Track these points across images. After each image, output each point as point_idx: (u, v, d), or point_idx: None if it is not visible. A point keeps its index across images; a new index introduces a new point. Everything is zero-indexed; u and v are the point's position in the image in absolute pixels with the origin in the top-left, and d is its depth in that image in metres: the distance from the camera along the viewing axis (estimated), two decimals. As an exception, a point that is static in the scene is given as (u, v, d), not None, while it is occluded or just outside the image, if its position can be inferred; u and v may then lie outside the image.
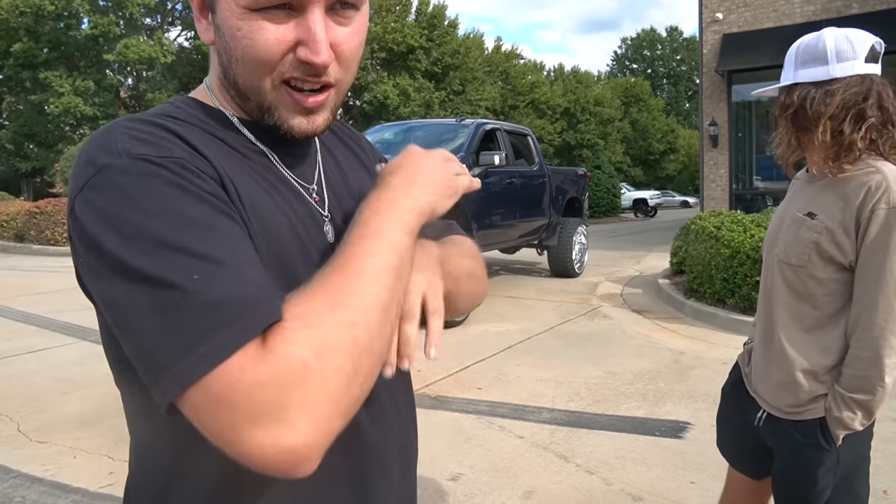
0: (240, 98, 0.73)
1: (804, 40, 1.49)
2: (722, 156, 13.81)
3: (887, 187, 1.37)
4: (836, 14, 12.42)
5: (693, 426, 3.79)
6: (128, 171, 0.59)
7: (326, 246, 0.77)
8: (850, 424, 1.42)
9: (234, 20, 0.67)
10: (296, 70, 0.68)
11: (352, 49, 0.72)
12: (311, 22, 0.66)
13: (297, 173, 0.78)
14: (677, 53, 63.73)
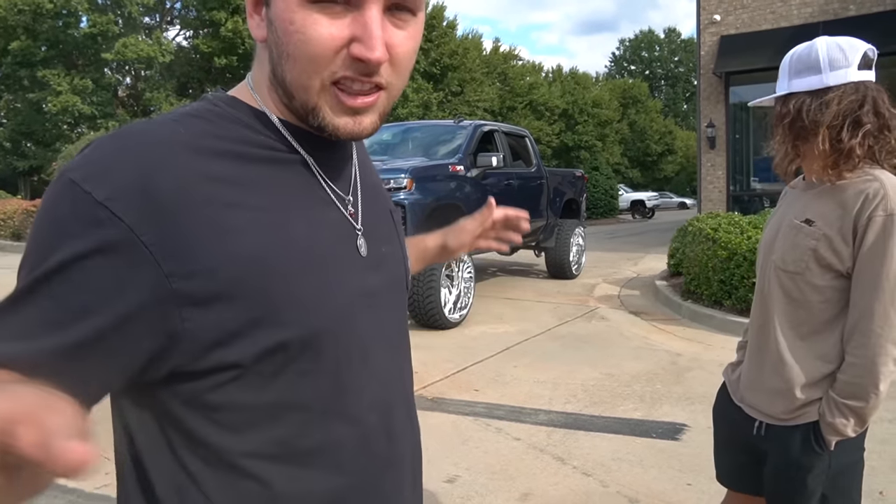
0: (286, 97, 0.71)
1: (797, 50, 1.50)
2: (719, 157, 13.83)
3: (885, 195, 1.38)
4: (833, 16, 12.45)
5: (690, 428, 3.80)
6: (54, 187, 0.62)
7: (358, 259, 0.76)
8: (843, 431, 1.42)
9: (289, 13, 0.65)
10: (348, 69, 0.66)
11: (406, 53, 0.70)
12: (368, 18, 0.65)
13: (335, 182, 0.77)
14: (675, 55, 63.83)
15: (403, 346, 0.87)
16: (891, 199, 1.37)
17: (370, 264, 0.78)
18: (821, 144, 1.43)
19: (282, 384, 0.68)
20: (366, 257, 0.77)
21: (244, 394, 0.66)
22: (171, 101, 25.76)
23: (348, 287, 0.74)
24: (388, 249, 0.83)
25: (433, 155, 7.83)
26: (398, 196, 6.47)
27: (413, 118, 27.59)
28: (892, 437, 3.55)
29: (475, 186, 7.54)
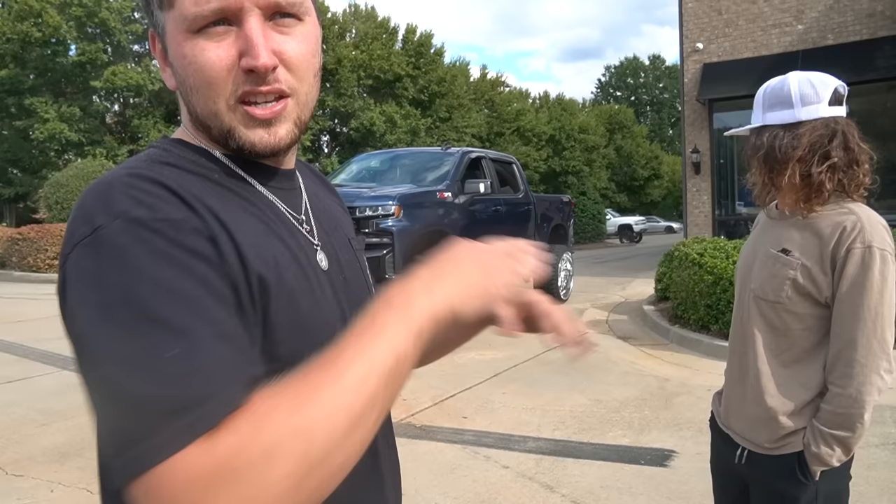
0: (206, 130, 0.73)
1: (770, 84, 1.54)
2: (704, 182, 13.99)
3: (862, 228, 1.41)
4: (812, 45, 12.73)
5: (678, 454, 3.79)
6: (120, 235, 0.59)
7: (321, 273, 0.78)
8: (828, 461, 1.43)
9: (180, 49, 0.68)
10: (244, 84, 0.68)
11: (299, 56, 0.71)
12: (247, 31, 0.67)
13: (288, 205, 0.79)
14: (660, 81, 64.77)
15: None
16: (867, 232, 1.41)
17: (332, 281, 0.80)
18: (791, 178, 1.47)
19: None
20: (327, 272, 0.79)
21: None
22: (160, 128, 25.75)
23: (329, 310, 0.76)
24: (349, 275, 0.85)
25: (421, 182, 7.88)
26: (386, 223, 6.49)
27: (401, 144, 27.75)
28: (879, 462, 3.56)
29: (463, 213, 7.58)
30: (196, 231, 0.62)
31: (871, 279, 1.39)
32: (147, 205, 0.61)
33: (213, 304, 0.59)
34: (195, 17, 0.67)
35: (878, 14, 12.23)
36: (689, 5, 13.98)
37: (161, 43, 0.73)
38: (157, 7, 0.70)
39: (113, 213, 0.60)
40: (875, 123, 13.30)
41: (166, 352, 0.54)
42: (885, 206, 12.60)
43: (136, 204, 0.61)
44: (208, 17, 0.67)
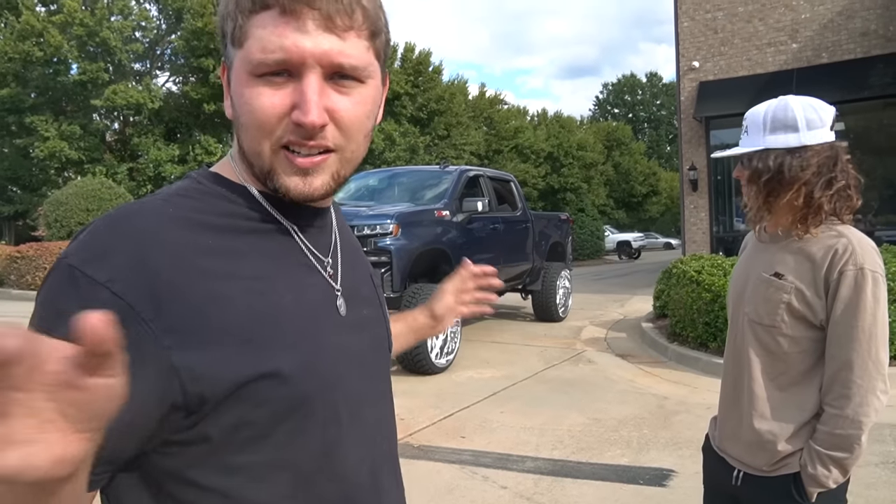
0: (249, 165, 0.76)
1: (772, 108, 1.54)
2: (702, 199, 14.05)
3: (853, 250, 1.43)
4: (807, 63, 12.84)
5: (677, 474, 3.78)
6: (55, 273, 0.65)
7: (338, 319, 0.79)
8: (825, 482, 1.43)
9: (240, 87, 0.71)
10: (292, 134, 0.71)
11: (352, 117, 0.73)
12: (305, 86, 0.69)
13: (314, 245, 0.81)
14: (657, 98, 65.16)
15: (388, 404, 0.90)
16: (858, 255, 1.43)
17: (351, 325, 0.81)
18: (794, 199, 1.49)
19: (271, 445, 0.69)
20: (345, 317, 0.80)
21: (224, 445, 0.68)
22: (160, 147, 25.84)
23: (334, 350, 0.77)
24: (369, 312, 0.87)
25: (419, 200, 7.91)
26: (384, 242, 6.50)
27: (400, 162, 27.86)
28: (878, 482, 3.55)
29: (461, 231, 7.60)
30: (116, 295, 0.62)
31: (863, 301, 1.40)
32: (89, 253, 0.65)
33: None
34: (259, 63, 0.69)
35: (872, 33, 12.36)
36: (686, 24, 14.12)
37: (228, 75, 0.76)
38: (230, 43, 0.73)
39: (66, 251, 0.66)
40: (871, 141, 13.39)
41: None
42: (883, 221, 12.65)
43: (82, 250, 0.66)
44: (271, 67, 0.69)
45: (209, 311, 0.66)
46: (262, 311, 0.70)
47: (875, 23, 12.34)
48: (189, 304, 0.65)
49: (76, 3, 23.81)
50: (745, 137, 1.58)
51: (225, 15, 0.73)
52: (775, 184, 1.51)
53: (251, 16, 0.70)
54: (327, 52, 0.69)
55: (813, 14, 12.86)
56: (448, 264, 7.33)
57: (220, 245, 0.71)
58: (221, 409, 0.67)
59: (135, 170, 26.11)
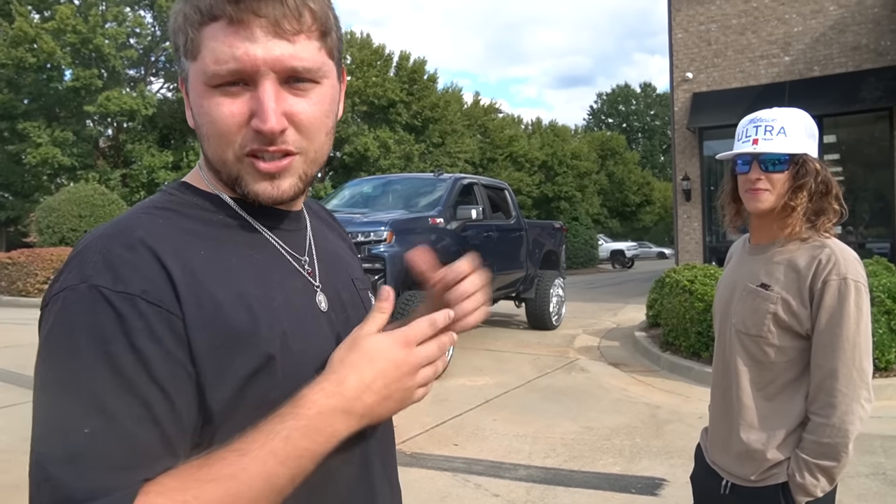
0: (215, 173, 0.77)
1: (802, 115, 1.54)
2: (695, 209, 14.11)
3: (836, 260, 1.45)
4: (799, 76, 12.95)
5: (669, 483, 3.78)
6: (77, 301, 0.64)
7: (320, 315, 0.80)
8: (813, 491, 1.44)
9: (199, 99, 0.73)
10: (253, 141, 0.72)
11: (311, 118, 0.74)
12: (261, 93, 0.70)
13: (291, 247, 0.82)
14: (651, 108, 65.53)
15: None
16: (841, 265, 1.45)
17: (333, 323, 0.82)
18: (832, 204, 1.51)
19: None
20: (326, 313, 0.82)
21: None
22: (153, 153, 25.81)
23: (323, 346, 0.78)
24: (352, 314, 0.87)
25: (413, 207, 7.92)
26: (378, 248, 6.50)
27: (395, 170, 27.89)
28: (868, 493, 3.55)
29: (455, 239, 7.61)
30: (153, 304, 0.65)
31: (847, 310, 1.42)
32: (112, 273, 0.65)
33: (147, 385, 0.63)
34: (213, 75, 0.70)
35: (863, 47, 12.49)
36: (679, 36, 14.23)
37: (186, 87, 0.77)
38: (184, 55, 0.74)
39: (81, 276, 0.65)
40: (862, 153, 13.51)
41: (84, 427, 0.60)
42: (874, 234, 12.74)
43: (104, 269, 0.65)
44: (225, 77, 0.70)
45: (214, 316, 0.68)
46: (258, 315, 0.71)
47: (866, 37, 12.47)
48: (202, 309, 0.68)
49: (70, 10, 23.82)
50: (781, 139, 1.51)
51: (176, 29, 0.74)
52: (822, 189, 1.51)
53: (201, 28, 0.71)
54: (279, 57, 0.70)
55: (805, 28, 12.99)
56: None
57: (209, 255, 0.72)
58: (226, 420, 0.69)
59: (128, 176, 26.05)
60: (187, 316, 0.66)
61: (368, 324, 0.75)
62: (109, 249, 0.67)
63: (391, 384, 0.72)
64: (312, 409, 0.67)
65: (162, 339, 0.64)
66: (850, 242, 11.98)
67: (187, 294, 0.67)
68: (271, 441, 0.64)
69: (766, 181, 1.51)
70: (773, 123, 1.51)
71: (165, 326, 0.65)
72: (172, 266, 0.67)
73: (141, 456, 0.61)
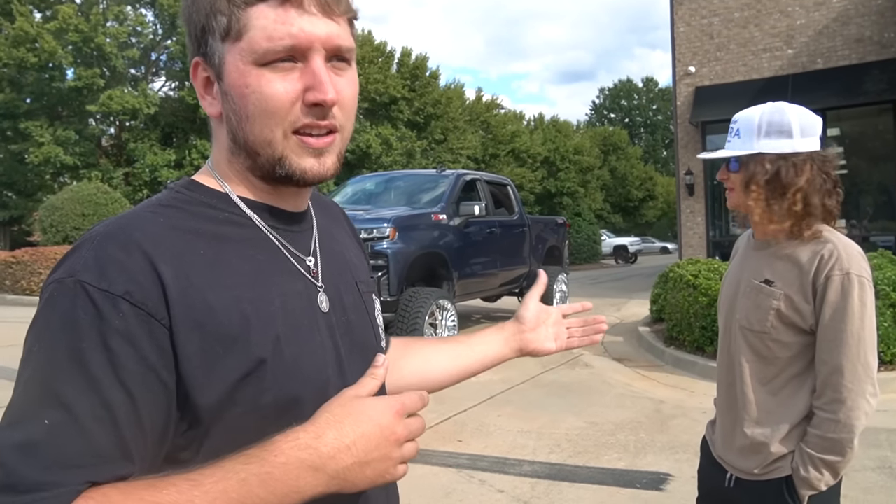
0: (249, 158, 0.76)
1: (768, 112, 1.54)
2: (698, 204, 14.08)
3: (839, 255, 1.44)
4: (802, 69, 12.90)
5: (674, 478, 3.77)
6: (62, 294, 0.65)
7: (320, 316, 0.80)
8: (817, 485, 1.44)
9: (243, 78, 0.73)
10: (305, 116, 0.73)
11: (350, 97, 0.77)
12: (315, 68, 0.72)
13: (296, 247, 0.81)
14: (653, 103, 65.38)
15: None
16: (844, 259, 1.44)
17: (334, 326, 0.82)
18: (794, 205, 1.49)
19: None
20: (327, 314, 0.81)
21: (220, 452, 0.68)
22: (155, 151, 25.83)
23: (320, 350, 0.78)
24: (354, 318, 0.87)
25: (416, 204, 7.91)
26: (381, 245, 6.50)
27: (397, 166, 27.87)
28: (875, 487, 3.55)
29: (458, 235, 7.61)
30: (135, 306, 0.65)
31: (851, 305, 1.42)
32: (99, 270, 0.65)
33: (112, 386, 0.63)
34: (266, 52, 0.71)
35: (867, 39, 12.43)
36: (682, 29, 14.18)
37: (209, 71, 0.76)
38: (218, 38, 0.74)
39: (71, 270, 0.66)
40: (866, 146, 13.45)
41: (44, 418, 0.60)
42: (878, 227, 12.70)
43: (93, 266, 0.65)
44: (279, 53, 0.71)
45: (205, 320, 0.68)
46: (250, 319, 0.71)
47: (870, 29, 12.41)
48: (191, 312, 0.67)
49: (71, 10, 23.83)
50: (736, 140, 1.57)
51: (210, 12, 0.73)
52: (773, 188, 1.51)
53: (247, 8, 0.71)
54: (329, 35, 0.73)
55: (808, 20, 12.93)
56: (445, 268, 7.33)
57: (210, 254, 0.72)
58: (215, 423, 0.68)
59: (130, 174, 26.08)
60: (175, 320, 0.66)
61: (359, 387, 0.73)
62: (102, 248, 0.67)
63: (372, 450, 0.68)
64: (279, 457, 0.64)
65: (138, 341, 0.64)
66: (855, 236, 11.95)
67: (178, 298, 0.67)
68: (227, 480, 0.62)
69: (730, 181, 1.59)
70: (734, 125, 1.58)
71: (145, 330, 0.65)
72: (165, 270, 0.67)
73: (93, 455, 0.61)
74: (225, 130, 0.78)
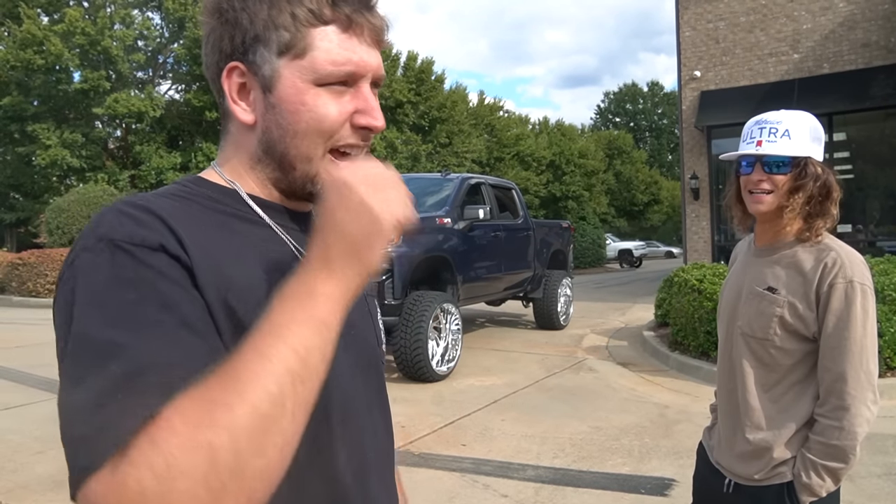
0: (280, 172, 0.78)
1: (810, 118, 1.54)
2: (703, 208, 14.04)
3: (842, 263, 1.45)
4: (808, 73, 12.87)
5: (678, 483, 3.76)
6: (97, 256, 0.63)
7: None
8: (818, 491, 1.44)
9: (300, 95, 0.75)
10: (351, 137, 0.77)
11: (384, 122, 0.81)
12: (366, 93, 0.77)
13: (300, 244, 0.81)
14: (658, 107, 65.24)
15: (379, 416, 0.89)
16: (847, 267, 1.45)
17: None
18: (832, 210, 1.51)
19: None
20: None
21: None
22: (161, 154, 25.89)
23: None
24: (355, 318, 0.86)
25: (420, 207, 7.91)
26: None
27: (402, 170, 27.87)
28: (881, 493, 3.52)
29: (462, 239, 7.60)
30: (172, 257, 0.65)
31: (854, 313, 1.42)
32: (129, 230, 0.64)
33: (175, 323, 0.61)
34: (329, 74, 0.75)
35: (873, 44, 12.39)
36: (687, 34, 14.17)
37: (250, 79, 0.76)
38: (274, 51, 0.75)
39: (98, 235, 0.64)
40: (872, 151, 13.40)
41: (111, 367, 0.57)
42: (885, 231, 12.64)
43: (120, 225, 0.65)
44: (340, 77, 0.75)
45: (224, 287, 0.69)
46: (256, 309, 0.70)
47: (876, 34, 12.38)
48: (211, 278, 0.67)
49: (78, 13, 23.93)
50: (785, 141, 1.51)
51: (269, 24, 0.74)
52: (821, 193, 1.51)
53: (310, 28, 0.74)
54: (379, 66, 0.78)
55: (814, 25, 12.90)
56: (449, 271, 7.32)
57: (221, 240, 0.72)
58: None
59: (137, 177, 26.14)
60: (199, 279, 0.66)
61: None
62: (123, 211, 0.67)
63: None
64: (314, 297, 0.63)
65: (185, 284, 0.65)
66: (861, 241, 11.92)
67: (199, 262, 0.67)
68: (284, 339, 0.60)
69: (769, 183, 1.52)
70: (778, 126, 1.52)
71: (186, 278, 0.65)
72: (184, 236, 0.67)
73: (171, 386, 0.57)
74: (255, 139, 0.78)
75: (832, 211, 1.51)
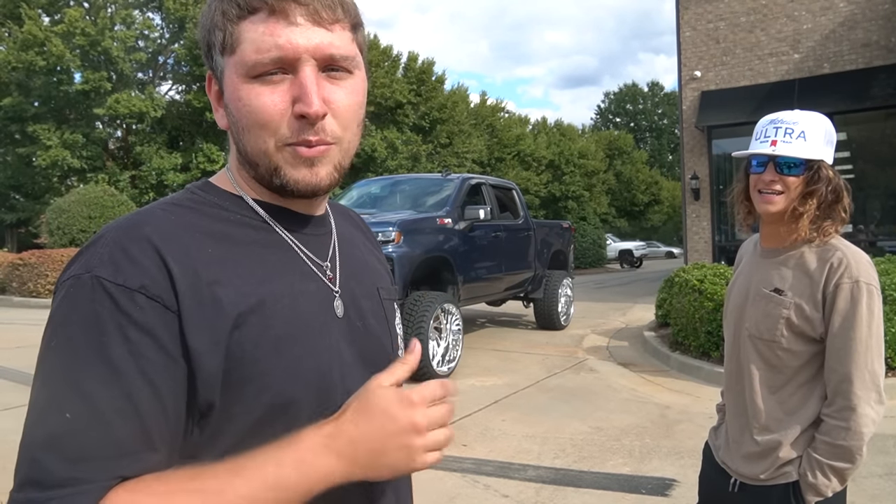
0: (253, 169, 0.77)
1: (824, 121, 1.53)
2: (704, 208, 14.04)
3: (848, 263, 1.45)
4: (809, 73, 12.86)
5: (679, 483, 3.76)
6: (79, 290, 0.66)
7: (333, 319, 0.80)
8: (824, 491, 1.44)
9: (236, 92, 0.74)
10: (299, 132, 0.73)
11: (346, 107, 0.76)
12: (302, 78, 0.72)
13: (312, 250, 0.82)
14: (659, 108, 65.21)
15: None
16: (853, 268, 1.44)
17: (349, 330, 0.82)
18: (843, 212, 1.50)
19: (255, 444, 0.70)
20: (342, 319, 0.81)
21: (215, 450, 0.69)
22: (162, 155, 25.89)
23: (327, 354, 0.78)
24: (372, 323, 0.87)
25: (421, 208, 7.91)
26: (386, 249, 6.49)
27: (403, 170, 27.89)
28: (882, 493, 3.52)
29: (463, 239, 7.60)
30: (151, 299, 0.66)
31: (860, 313, 1.42)
32: (114, 266, 0.66)
33: (135, 375, 0.64)
34: (255, 64, 0.72)
35: (874, 44, 12.39)
36: (688, 34, 14.16)
37: (218, 85, 0.78)
38: (219, 52, 0.75)
39: (86, 266, 0.67)
40: (873, 151, 13.40)
41: (66, 411, 0.61)
42: (886, 231, 12.64)
43: (108, 261, 0.67)
44: (267, 66, 0.72)
45: (212, 314, 0.69)
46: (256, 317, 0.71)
47: (877, 34, 12.37)
48: (202, 307, 0.68)
49: (79, 13, 23.94)
50: (801, 143, 1.49)
51: (210, 27, 0.75)
52: (833, 196, 1.50)
53: (239, 22, 0.72)
54: (319, 45, 0.72)
55: (815, 25, 12.90)
56: (450, 272, 7.32)
57: (219, 253, 0.72)
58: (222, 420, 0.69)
59: (137, 178, 26.15)
60: (184, 314, 0.67)
61: (386, 374, 0.73)
62: (116, 243, 0.68)
63: (386, 439, 0.69)
64: (307, 443, 0.67)
65: (156, 332, 0.66)
66: (862, 241, 11.91)
67: (187, 292, 0.68)
68: (265, 466, 0.65)
69: (781, 184, 1.50)
70: (794, 126, 1.49)
71: (161, 321, 0.66)
72: (174, 266, 0.68)
73: (117, 448, 0.62)
74: (233, 142, 0.80)
75: (841, 214, 1.51)
